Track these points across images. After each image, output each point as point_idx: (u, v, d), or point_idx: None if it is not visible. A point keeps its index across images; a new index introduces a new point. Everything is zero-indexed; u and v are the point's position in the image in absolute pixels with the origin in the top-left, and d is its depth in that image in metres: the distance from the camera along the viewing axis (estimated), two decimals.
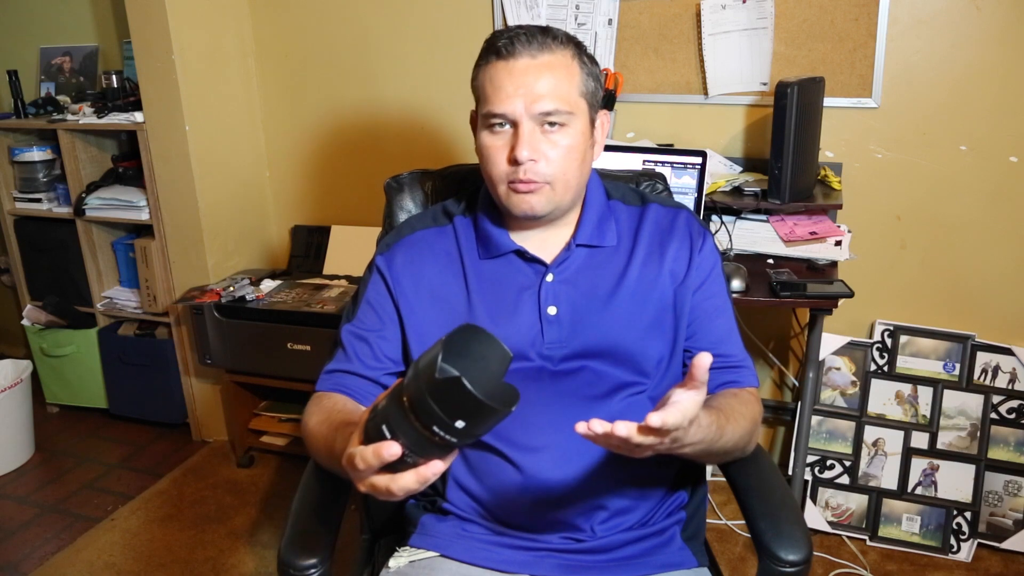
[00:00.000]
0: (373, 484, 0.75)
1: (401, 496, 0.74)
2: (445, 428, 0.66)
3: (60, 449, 2.60)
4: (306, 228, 2.58)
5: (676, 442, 0.82)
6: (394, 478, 0.73)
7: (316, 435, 1.01)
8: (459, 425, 0.66)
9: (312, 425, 1.03)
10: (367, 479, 0.75)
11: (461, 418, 0.66)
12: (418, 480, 0.72)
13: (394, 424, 0.70)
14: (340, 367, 1.09)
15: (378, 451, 0.70)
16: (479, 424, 0.67)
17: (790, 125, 1.73)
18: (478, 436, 0.69)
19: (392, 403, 0.70)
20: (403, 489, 0.73)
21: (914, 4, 1.90)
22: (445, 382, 0.64)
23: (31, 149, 2.60)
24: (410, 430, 0.68)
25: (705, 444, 0.88)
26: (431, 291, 1.09)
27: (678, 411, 0.77)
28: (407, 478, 0.73)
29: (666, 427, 0.76)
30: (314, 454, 1.05)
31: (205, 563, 2.00)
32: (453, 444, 0.69)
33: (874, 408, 2.06)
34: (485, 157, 1.04)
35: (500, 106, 1.00)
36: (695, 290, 1.09)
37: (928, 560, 1.97)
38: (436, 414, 0.65)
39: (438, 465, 0.72)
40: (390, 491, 0.74)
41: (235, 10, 2.42)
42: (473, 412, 0.65)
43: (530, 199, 1.02)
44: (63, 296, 2.64)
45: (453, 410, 0.65)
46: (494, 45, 1.02)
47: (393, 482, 0.73)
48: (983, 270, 2.03)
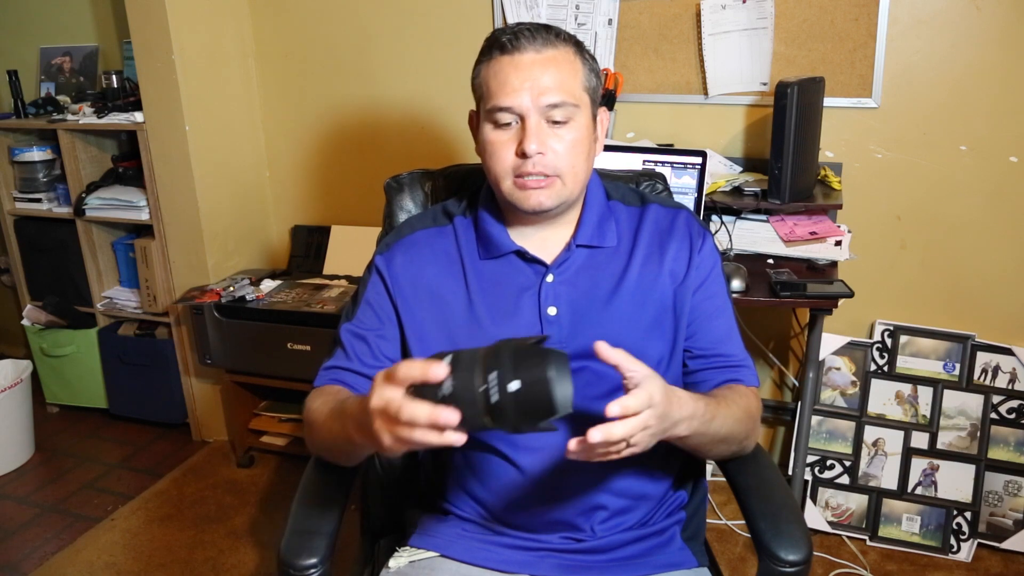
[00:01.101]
0: (389, 398, 0.75)
1: (404, 419, 0.73)
2: (500, 381, 0.70)
3: (60, 449, 2.60)
4: (306, 228, 2.58)
5: (666, 420, 0.83)
6: (409, 400, 0.73)
7: (320, 412, 1.01)
8: (512, 387, 0.70)
9: (316, 406, 1.03)
10: (387, 392, 0.75)
11: (521, 380, 0.70)
12: (429, 416, 0.72)
13: (460, 357, 0.73)
14: (339, 364, 1.09)
15: (427, 365, 0.72)
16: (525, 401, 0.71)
17: (790, 125, 1.73)
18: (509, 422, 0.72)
19: (472, 348, 0.75)
20: (410, 414, 0.73)
21: (914, 4, 1.90)
22: (534, 348, 0.72)
23: (31, 149, 2.60)
24: (469, 368, 0.72)
25: (698, 420, 0.90)
26: (431, 291, 1.09)
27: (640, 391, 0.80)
28: (420, 407, 0.72)
29: (629, 411, 0.78)
30: (315, 433, 1.04)
31: (205, 563, 2.00)
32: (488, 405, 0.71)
33: (874, 408, 2.06)
34: (490, 153, 1.03)
35: (506, 99, 1.00)
36: (695, 290, 1.09)
37: (928, 560, 1.97)
38: (505, 364, 0.71)
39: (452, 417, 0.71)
40: (398, 412, 0.73)
41: (235, 10, 2.42)
42: (532, 384, 0.71)
43: (538, 195, 1.02)
44: (63, 296, 2.64)
45: (521, 370, 0.71)
46: (498, 41, 1.02)
47: (407, 402, 0.73)
48: (983, 270, 2.03)
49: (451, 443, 0.74)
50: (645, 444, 0.83)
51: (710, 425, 0.93)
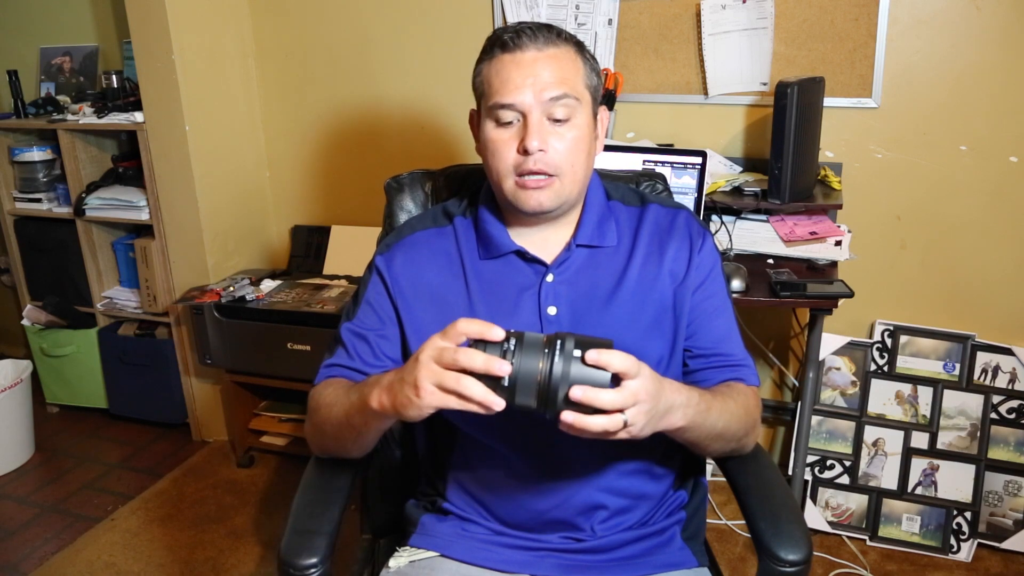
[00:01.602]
0: (444, 347, 0.81)
1: (462, 362, 0.79)
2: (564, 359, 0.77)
3: (60, 449, 2.60)
4: (306, 228, 2.58)
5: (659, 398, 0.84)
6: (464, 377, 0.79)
7: (332, 396, 1.02)
8: (576, 353, 0.78)
9: (327, 393, 1.04)
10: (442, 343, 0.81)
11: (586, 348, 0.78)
12: (484, 363, 0.77)
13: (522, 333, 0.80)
14: (340, 362, 1.09)
15: (487, 324, 0.79)
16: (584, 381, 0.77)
17: (790, 125, 1.73)
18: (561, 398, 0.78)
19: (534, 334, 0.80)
20: (468, 359, 0.78)
21: (914, 4, 1.90)
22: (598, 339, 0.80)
23: (31, 149, 2.60)
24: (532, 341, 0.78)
25: (693, 410, 0.91)
26: (431, 292, 1.09)
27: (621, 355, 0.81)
28: (477, 354, 0.78)
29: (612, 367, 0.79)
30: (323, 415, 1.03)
31: (205, 563, 2.00)
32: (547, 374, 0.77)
33: (874, 408, 2.06)
34: (491, 151, 1.03)
35: (509, 96, 1.00)
36: (694, 290, 1.09)
37: (928, 560, 1.97)
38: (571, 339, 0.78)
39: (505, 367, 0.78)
40: (455, 357, 0.79)
41: (235, 10, 2.42)
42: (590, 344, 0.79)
43: (539, 195, 1.02)
44: (63, 296, 2.64)
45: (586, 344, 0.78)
46: (500, 39, 1.02)
47: (463, 350, 0.79)
48: (983, 270, 2.03)
49: (491, 404, 0.78)
50: (640, 424, 0.83)
51: (706, 416, 0.94)
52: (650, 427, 0.85)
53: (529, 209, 1.03)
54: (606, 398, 0.78)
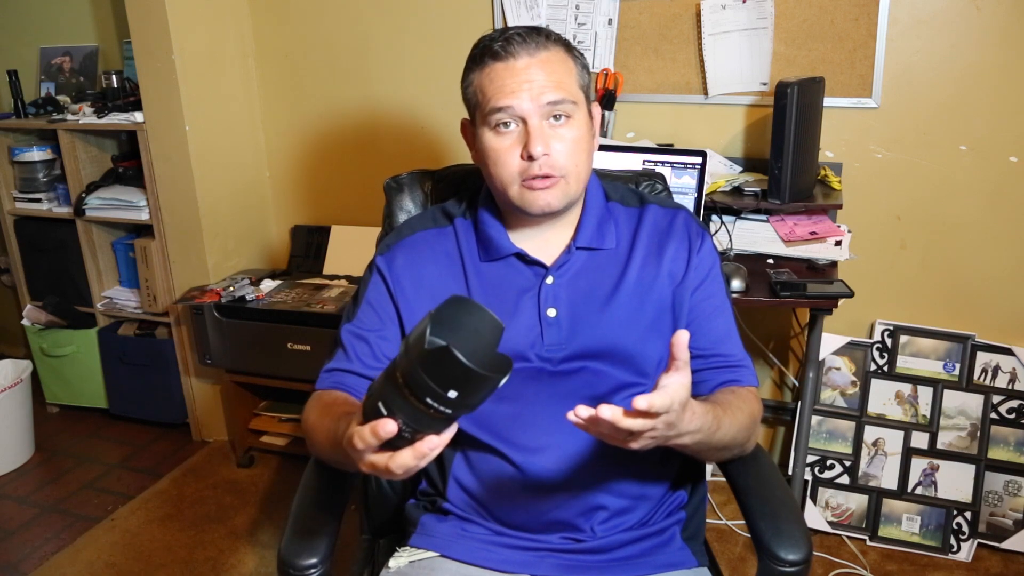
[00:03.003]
0: (373, 463, 0.75)
1: (400, 474, 0.74)
2: (438, 399, 0.66)
3: (60, 449, 2.60)
4: (306, 228, 2.58)
5: (673, 429, 0.82)
6: (392, 456, 0.73)
7: (318, 428, 1.01)
8: (452, 395, 0.66)
9: (313, 419, 1.03)
10: (367, 458, 0.76)
11: (453, 388, 0.66)
12: (415, 456, 0.72)
13: (389, 400, 0.70)
14: (340, 366, 1.09)
15: (375, 429, 0.70)
16: (472, 393, 0.67)
17: (790, 125, 1.73)
18: (473, 406, 0.69)
19: (386, 380, 0.70)
20: (401, 467, 0.73)
21: (914, 4, 1.90)
22: (434, 352, 0.64)
23: (31, 149, 2.60)
24: (405, 405, 0.69)
25: (703, 434, 0.88)
26: (431, 292, 1.09)
27: (666, 394, 0.77)
28: (404, 455, 0.73)
29: (653, 409, 0.76)
30: (316, 448, 1.04)
31: (205, 563, 2.00)
32: (449, 415, 0.69)
33: (874, 408, 2.06)
34: (493, 160, 1.03)
35: (504, 100, 1.00)
36: (693, 290, 1.09)
37: (928, 560, 1.97)
38: (428, 386, 0.66)
39: (434, 440, 0.72)
40: (389, 469, 0.74)
41: (235, 10, 2.42)
42: (464, 381, 0.65)
43: (546, 195, 1.02)
44: (63, 296, 2.64)
45: (444, 380, 0.65)
46: (489, 48, 1.02)
47: (392, 460, 0.73)
48: (983, 270, 2.03)
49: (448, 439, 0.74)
50: (642, 445, 0.83)
51: (714, 436, 0.92)
52: (653, 445, 0.84)
53: (537, 211, 1.03)
54: (627, 424, 0.77)
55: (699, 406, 0.87)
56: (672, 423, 0.81)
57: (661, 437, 0.83)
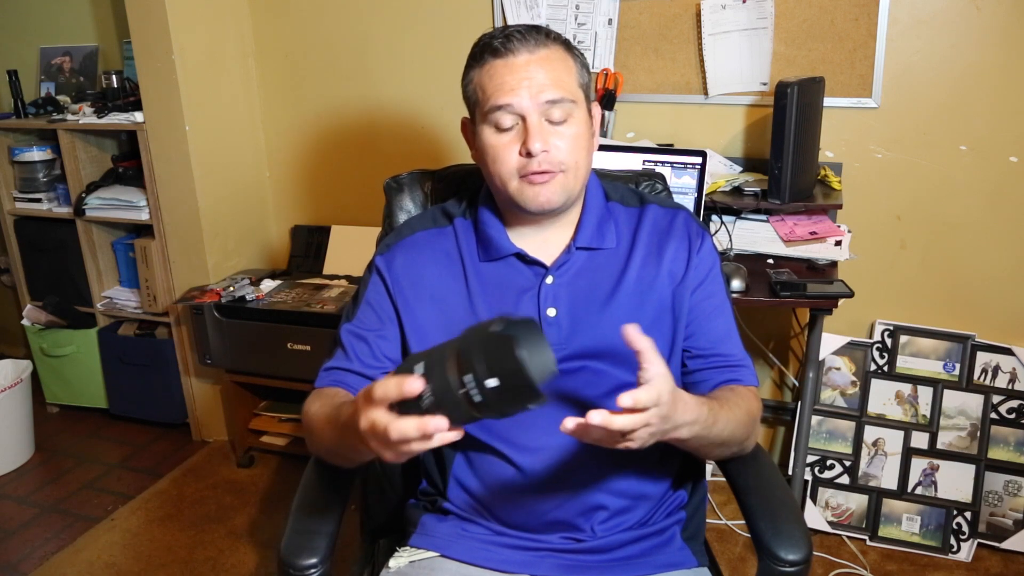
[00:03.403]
0: (374, 421, 0.75)
1: (394, 442, 0.73)
2: (477, 381, 0.68)
3: (60, 449, 2.60)
4: (306, 228, 2.58)
5: (668, 421, 0.82)
6: (396, 419, 0.73)
7: (318, 417, 1.01)
8: (490, 384, 0.68)
9: (314, 410, 1.03)
10: (372, 413, 0.75)
11: (497, 376, 0.68)
12: (418, 429, 0.71)
13: (432, 362, 0.72)
14: (339, 365, 1.09)
15: (401, 381, 0.71)
16: (506, 393, 0.69)
17: (790, 125, 1.73)
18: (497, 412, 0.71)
19: (439, 346, 0.72)
20: (399, 433, 0.72)
21: (914, 4, 1.90)
22: (500, 337, 0.69)
23: (31, 149, 2.60)
24: (442, 373, 0.70)
25: (700, 426, 0.89)
26: (431, 292, 1.09)
27: (651, 387, 0.78)
28: (408, 423, 0.72)
29: (639, 405, 0.77)
30: (315, 439, 1.04)
31: (205, 563, 2.00)
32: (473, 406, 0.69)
33: (874, 408, 2.06)
34: (492, 157, 1.03)
35: (505, 97, 1.00)
36: (693, 290, 1.09)
37: (928, 560, 1.97)
38: (476, 363, 0.68)
39: (442, 424, 0.71)
40: (387, 433, 0.73)
41: (235, 10, 2.42)
42: (509, 375, 0.68)
43: (545, 191, 1.02)
44: (63, 296, 2.64)
45: (493, 366, 0.68)
46: (489, 45, 1.02)
47: (393, 423, 0.73)
48: (983, 270, 2.03)
49: (449, 441, 0.74)
50: (642, 442, 0.83)
51: (711, 430, 0.93)
52: (652, 441, 0.85)
53: (536, 207, 1.03)
54: (619, 423, 0.78)
55: (691, 397, 0.88)
56: (666, 415, 0.81)
57: (658, 432, 0.83)
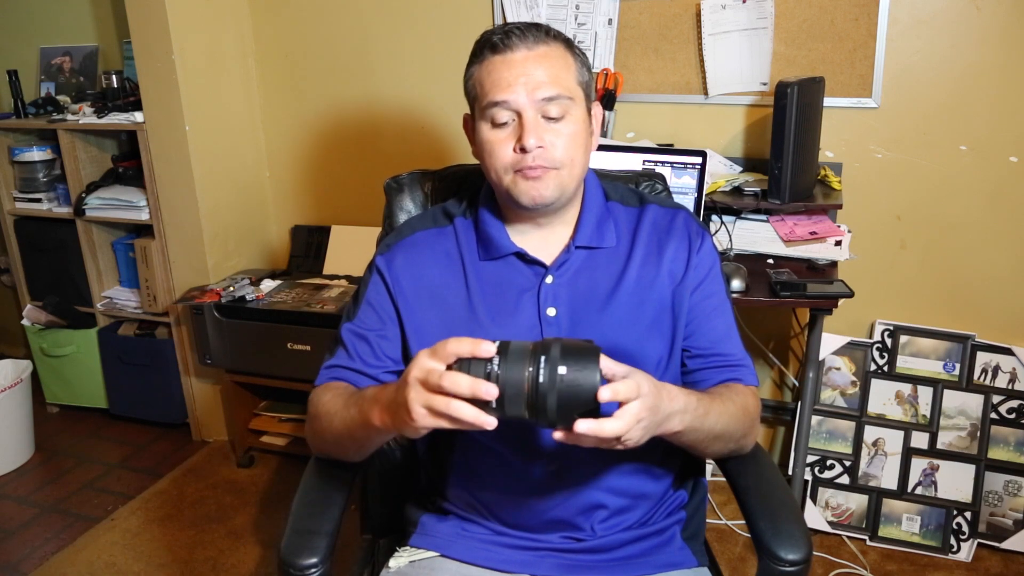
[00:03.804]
0: (431, 368, 0.79)
1: (447, 387, 0.77)
2: (549, 365, 0.75)
3: (60, 449, 2.60)
4: (306, 228, 2.58)
5: (657, 412, 0.84)
6: (449, 373, 0.77)
7: (333, 402, 1.02)
8: (560, 371, 0.75)
9: (327, 399, 1.04)
10: (430, 362, 0.79)
11: (568, 366, 0.75)
12: (471, 387, 0.76)
13: (509, 343, 0.77)
14: (341, 363, 1.09)
15: (476, 342, 0.77)
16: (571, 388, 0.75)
17: (790, 125, 1.73)
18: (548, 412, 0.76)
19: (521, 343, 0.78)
20: (453, 382, 0.77)
21: (914, 4, 1.90)
22: (588, 344, 0.78)
23: (31, 149, 2.60)
24: (518, 353, 0.76)
25: (691, 415, 0.91)
26: (431, 292, 1.09)
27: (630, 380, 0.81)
28: (462, 377, 0.76)
29: (619, 397, 0.80)
30: (324, 426, 1.04)
31: (205, 563, 2.00)
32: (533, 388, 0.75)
33: (874, 408, 2.06)
34: (488, 152, 1.04)
35: (502, 94, 1.00)
36: (693, 290, 1.09)
37: (928, 560, 1.97)
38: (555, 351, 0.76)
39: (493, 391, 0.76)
40: (440, 381, 0.77)
41: (235, 10, 2.42)
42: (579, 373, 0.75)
43: (538, 186, 1.02)
44: (63, 296, 2.64)
45: (571, 358, 0.75)
46: (489, 41, 1.03)
47: (448, 373, 0.77)
48: (983, 270, 2.03)
49: (483, 424, 0.77)
50: (638, 439, 0.83)
51: (704, 420, 0.94)
52: (647, 436, 0.85)
53: (529, 201, 1.03)
54: (609, 428, 0.79)
55: (675, 387, 0.90)
56: (653, 406, 0.83)
57: (651, 425, 0.84)
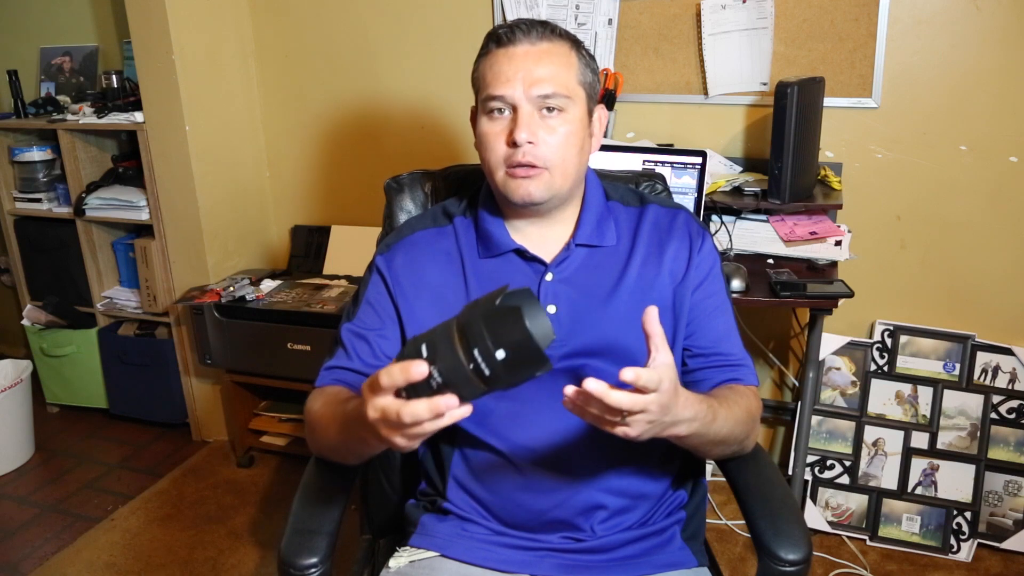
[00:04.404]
0: (384, 408, 0.74)
1: (407, 426, 0.73)
2: (486, 356, 0.68)
3: (60, 449, 2.60)
4: (306, 228, 2.58)
5: (667, 413, 0.82)
6: (406, 403, 0.72)
7: (322, 415, 1.01)
8: (500, 356, 0.67)
9: (317, 408, 1.04)
10: (380, 401, 0.75)
11: (505, 348, 0.67)
12: (430, 410, 0.71)
13: (436, 341, 0.71)
14: (340, 364, 1.09)
15: (406, 367, 0.71)
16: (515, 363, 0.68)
17: (790, 125, 1.73)
18: (506, 383, 0.70)
19: (441, 325, 0.71)
20: (412, 416, 0.72)
21: (914, 4, 1.90)
22: (503, 309, 0.68)
23: (31, 149, 2.61)
24: (449, 351, 0.69)
25: (699, 423, 0.89)
26: (431, 291, 1.10)
27: (653, 370, 0.78)
28: (419, 405, 0.71)
29: (640, 383, 0.77)
30: (318, 437, 1.04)
31: (205, 563, 2.00)
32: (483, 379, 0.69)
33: (874, 408, 2.06)
34: (483, 144, 1.05)
35: (499, 88, 1.01)
36: (694, 289, 1.09)
37: (928, 560, 1.97)
38: (483, 337, 0.68)
39: (452, 402, 0.71)
40: (399, 417, 0.73)
41: (235, 10, 2.42)
42: (517, 346, 0.68)
43: (527, 185, 1.02)
44: (63, 296, 2.64)
45: (500, 338, 0.68)
46: (495, 35, 1.04)
47: (405, 406, 0.72)
48: (983, 270, 2.03)
49: (460, 418, 0.74)
50: (639, 431, 0.82)
51: (710, 427, 0.93)
52: (650, 434, 0.84)
53: (518, 199, 1.03)
54: (615, 398, 0.77)
55: (692, 394, 0.88)
56: (665, 405, 0.81)
57: (658, 423, 0.83)
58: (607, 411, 0.79)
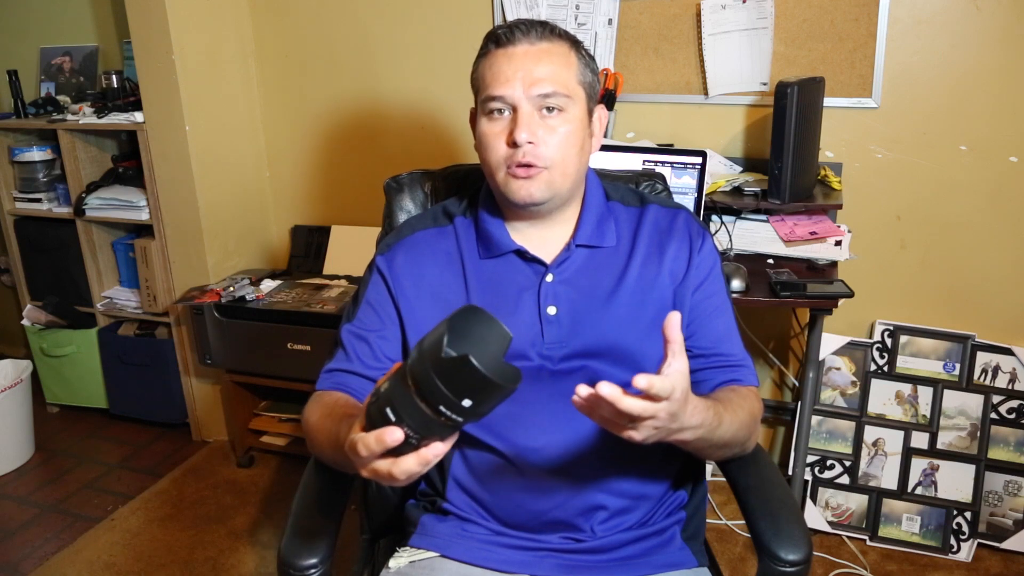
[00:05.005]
0: (375, 469, 0.75)
1: (403, 480, 0.74)
2: (452, 407, 0.66)
3: (60, 449, 2.60)
4: (306, 228, 2.58)
5: (675, 421, 0.82)
6: (396, 462, 0.73)
7: (319, 430, 1.01)
8: (466, 404, 0.66)
9: (314, 421, 1.03)
10: (369, 465, 0.75)
11: (468, 396, 0.66)
12: (420, 463, 0.72)
13: (399, 406, 0.69)
14: (340, 366, 1.09)
15: (380, 437, 0.70)
16: (485, 402, 0.67)
17: (790, 125, 1.73)
18: (483, 415, 0.69)
19: (396, 385, 0.70)
20: (405, 472, 0.73)
21: (914, 4, 1.90)
22: (453, 361, 0.64)
23: (31, 149, 2.61)
24: (415, 411, 0.68)
25: (705, 429, 0.89)
26: (431, 291, 1.10)
27: (667, 378, 0.78)
28: (409, 461, 0.72)
29: (653, 390, 0.76)
30: (316, 449, 1.05)
31: (205, 563, 2.00)
32: (458, 423, 0.69)
33: (874, 408, 2.06)
34: (483, 144, 1.05)
35: (499, 89, 1.01)
36: (694, 290, 1.09)
37: (928, 560, 1.97)
38: (443, 393, 0.66)
39: (439, 447, 0.72)
40: (392, 475, 0.74)
41: (235, 10, 2.42)
42: (480, 389, 0.66)
43: (528, 185, 1.02)
44: (63, 296, 2.64)
45: (460, 389, 0.66)
46: (494, 35, 1.04)
47: (395, 466, 0.73)
48: (983, 270, 2.03)
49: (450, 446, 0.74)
50: (644, 436, 0.82)
51: (715, 433, 0.93)
52: (655, 439, 0.84)
53: (520, 200, 1.03)
54: (627, 404, 0.77)
55: (701, 401, 0.87)
56: (674, 414, 0.81)
57: (664, 429, 0.83)
58: (617, 415, 0.79)
